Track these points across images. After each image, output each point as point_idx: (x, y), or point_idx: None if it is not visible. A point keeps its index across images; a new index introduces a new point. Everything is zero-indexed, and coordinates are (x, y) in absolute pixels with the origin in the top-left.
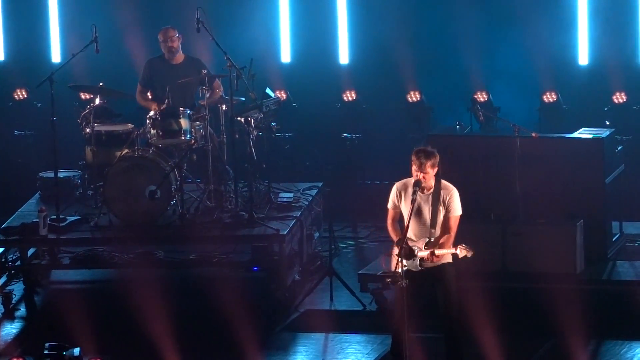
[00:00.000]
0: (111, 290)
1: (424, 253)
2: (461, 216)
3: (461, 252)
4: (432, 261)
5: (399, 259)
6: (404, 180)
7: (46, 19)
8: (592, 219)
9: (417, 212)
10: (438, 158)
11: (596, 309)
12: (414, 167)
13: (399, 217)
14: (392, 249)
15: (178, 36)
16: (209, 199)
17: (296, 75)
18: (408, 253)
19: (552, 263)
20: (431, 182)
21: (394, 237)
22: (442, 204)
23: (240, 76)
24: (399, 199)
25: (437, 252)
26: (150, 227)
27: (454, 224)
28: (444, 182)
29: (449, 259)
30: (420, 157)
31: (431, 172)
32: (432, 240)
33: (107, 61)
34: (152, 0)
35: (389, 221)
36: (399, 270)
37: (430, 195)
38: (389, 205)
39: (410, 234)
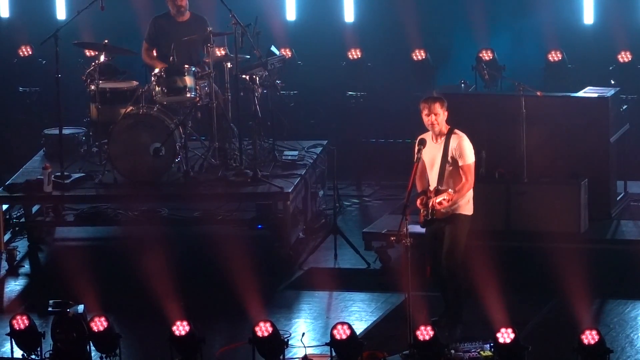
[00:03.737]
0: (115, 248)
1: (436, 200)
2: None
3: (448, 196)
4: (439, 209)
5: (402, 219)
6: (424, 134)
7: None
8: (596, 178)
9: (432, 163)
10: (446, 103)
11: (600, 268)
12: (424, 113)
13: (424, 168)
14: (417, 200)
15: None
16: (214, 156)
17: (301, 33)
18: (425, 203)
19: (556, 222)
20: (444, 128)
21: (419, 189)
22: (451, 152)
23: (245, 34)
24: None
25: (438, 199)
26: (154, 184)
27: (467, 171)
28: (456, 130)
29: (465, 211)
30: (429, 100)
31: (441, 113)
32: (441, 188)
33: (112, 18)
34: None
35: (417, 174)
36: (404, 229)
37: (442, 144)
38: (415, 159)
39: (432, 184)
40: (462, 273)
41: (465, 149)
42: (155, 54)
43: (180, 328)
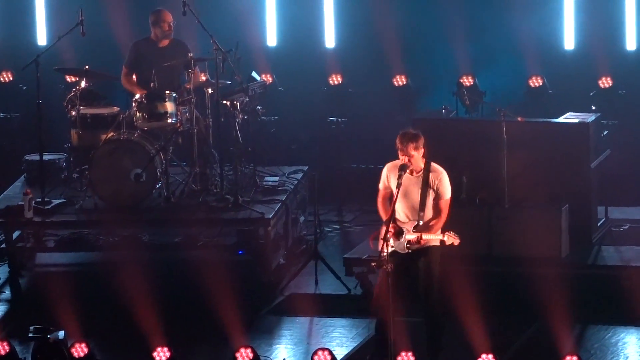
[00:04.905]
0: (96, 273)
1: (412, 236)
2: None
3: (448, 239)
4: (419, 244)
5: (384, 242)
6: (394, 161)
7: (32, 1)
8: (577, 204)
9: (406, 195)
10: (422, 140)
11: (581, 294)
12: (398, 152)
13: (389, 197)
14: (380, 230)
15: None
16: (195, 182)
17: (282, 59)
18: (397, 232)
19: (538, 247)
20: (420, 164)
21: (384, 216)
22: (431, 187)
23: (226, 59)
24: (388, 180)
25: (425, 236)
26: (135, 210)
27: (444, 206)
28: (433, 164)
29: (436, 242)
30: (403, 140)
31: (416, 154)
32: (421, 223)
33: (93, 44)
34: None
35: (380, 200)
36: (385, 253)
37: (420, 178)
38: (380, 185)
39: (401, 215)
40: (441, 301)
41: (446, 185)
42: (135, 79)
43: (161, 354)
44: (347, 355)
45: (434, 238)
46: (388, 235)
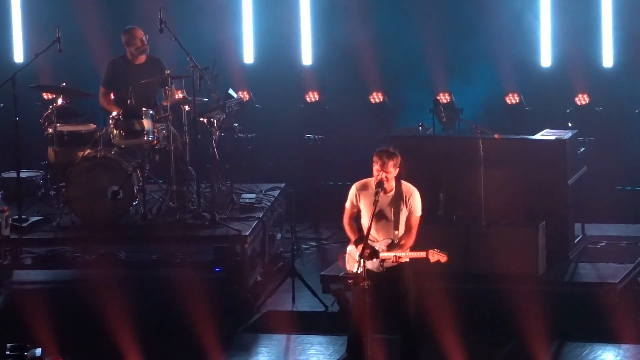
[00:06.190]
0: (73, 291)
1: (387, 254)
2: (425, 217)
3: (432, 256)
4: (394, 262)
5: (360, 260)
6: (363, 181)
7: (9, 18)
8: (554, 221)
9: (379, 213)
10: (400, 159)
11: (558, 311)
12: (375, 167)
13: (355, 216)
14: (347, 249)
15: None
16: (172, 199)
17: (259, 76)
18: (371, 253)
19: (515, 264)
20: (392, 183)
21: (351, 236)
22: (404, 205)
23: (203, 77)
24: (357, 199)
25: (404, 254)
26: (112, 227)
27: (414, 224)
28: (404, 182)
29: (407, 258)
30: (383, 156)
31: (393, 172)
32: (396, 241)
33: (70, 61)
34: (115, 0)
35: (346, 220)
36: (360, 271)
37: (392, 196)
38: (347, 205)
39: (373, 233)
40: (419, 317)
41: (418, 202)
42: (112, 98)
43: None
44: None
45: (415, 256)
46: (364, 255)
